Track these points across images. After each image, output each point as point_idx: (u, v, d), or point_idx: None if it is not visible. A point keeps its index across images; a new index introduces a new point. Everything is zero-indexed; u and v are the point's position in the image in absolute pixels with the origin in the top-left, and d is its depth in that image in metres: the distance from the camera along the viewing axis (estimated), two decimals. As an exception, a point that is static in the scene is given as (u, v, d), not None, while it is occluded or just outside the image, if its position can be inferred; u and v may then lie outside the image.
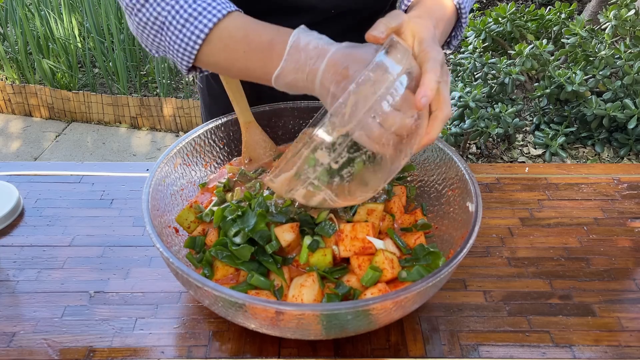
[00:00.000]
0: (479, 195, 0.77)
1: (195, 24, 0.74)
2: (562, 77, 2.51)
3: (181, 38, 0.75)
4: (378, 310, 0.66)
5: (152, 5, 0.75)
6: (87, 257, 0.88)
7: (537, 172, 1.09)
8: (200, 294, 0.68)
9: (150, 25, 0.77)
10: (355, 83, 0.60)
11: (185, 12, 0.74)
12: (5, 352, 0.73)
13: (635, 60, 2.45)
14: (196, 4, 0.74)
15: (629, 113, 2.40)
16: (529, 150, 2.73)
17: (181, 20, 0.75)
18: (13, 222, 0.95)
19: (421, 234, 0.81)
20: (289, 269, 0.74)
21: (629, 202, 1.02)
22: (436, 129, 0.66)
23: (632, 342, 0.76)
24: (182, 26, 0.75)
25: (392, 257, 0.74)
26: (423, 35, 0.67)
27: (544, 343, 0.75)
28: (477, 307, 0.81)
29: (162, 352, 0.74)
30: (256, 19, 0.76)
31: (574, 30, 2.59)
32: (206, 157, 0.92)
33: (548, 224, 0.96)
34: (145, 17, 0.76)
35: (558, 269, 0.87)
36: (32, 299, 0.81)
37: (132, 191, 1.02)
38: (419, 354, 0.74)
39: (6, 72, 3.21)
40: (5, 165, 1.09)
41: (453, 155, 0.85)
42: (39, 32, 3.17)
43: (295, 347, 0.74)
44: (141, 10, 0.76)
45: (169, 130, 3.00)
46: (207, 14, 0.74)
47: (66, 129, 2.99)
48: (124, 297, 0.81)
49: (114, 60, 3.10)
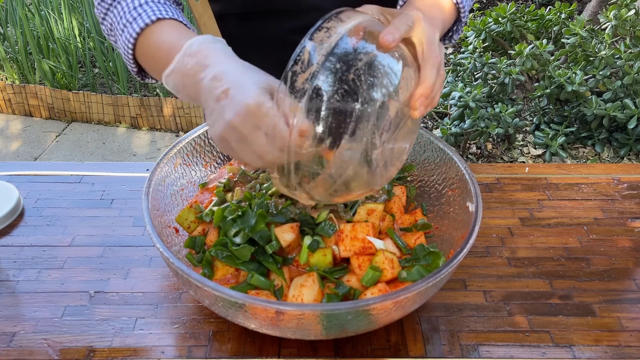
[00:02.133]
0: (479, 195, 0.77)
1: (128, 33, 0.75)
2: (562, 77, 2.51)
3: (121, 43, 0.77)
4: (378, 310, 0.66)
5: (108, 15, 0.79)
6: (87, 257, 0.88)
7: (537, 172, 1.09)
8: (200, 294, 0.68)
9: (106, 24, 0.80)
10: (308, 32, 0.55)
11: (124, 18, 0.76)
12: (5, 352, 0.73)
13: (635, 60, 2.45)
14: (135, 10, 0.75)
15: (629, 113, 2.40)
16: (529, 150, 2.73)
17: (121, 26, 0.76)
18: (13, 222, 0.95)
19: (421, 234, 0.81)
20: (289, 269, 0.74)
21: (629, 202, 1.02)
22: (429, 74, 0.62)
23: (632, 342, 0.76)
24: (121, 33, 0.76)
25: (392, 257, 0.74)
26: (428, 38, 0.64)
27: (544, 343, 0.75)
28: (477, 307, 0.81)
29: (162, 352, 0.74)
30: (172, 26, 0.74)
31: (574, 30, 2.59)
32: (206, 157, 0.92)
33: (548, 224, 0.96)
34: (100, 15, 0.80)
35: (558, 269, 0.87)
36: (32, 299, 0.81)
37: (132, 191, 1.02)
38: (419, 354, 0.74)
39: (6, 72, 3.21)
40: (5, 165, 1.09)
41: (453, 155, 0.85)
42: (39, 32, 3.17)
43: (295, 347, 0.74)
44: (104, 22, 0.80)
45: (169, 130, 3.00)
46: (135, 23, 0.74)
47: (66, 129, 2.99)
48: (124, 297, 0.81)
49: (114, 60, 3.10)
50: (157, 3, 0.76)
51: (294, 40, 0.76)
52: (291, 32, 0.90)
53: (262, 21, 0.93)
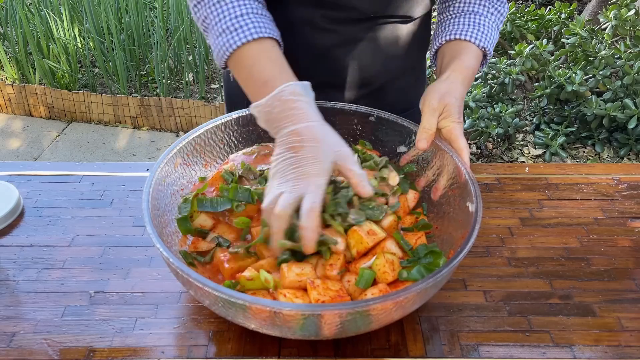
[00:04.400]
0: (479, 195, 0.77)
1: (225, 40, 0.84)
2: (562, 77, 2.51)
3: (215, 45, 0.87)
4: (378, 310, 0.66)
5: (203, 7, 0.86)
6: (87, 257, 0.88)
7: (537, 172, 1.09)
8: (200, 294, 0.68)
9: (201, 22, 0.88)
10: None
11: (224, 24, 0.84)
12: (5, 352, 0.73)
13: (635, 60, 2.45)
14: (236, 19, 0.84)
15: (629, 113, 2.40)
16: (529, 150, 2.73)
17: (219, 30, 0.85)
18: (13, 222, 0.95)
19: (422, 234, 0.81)
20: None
21: (629, 202, 1.02)
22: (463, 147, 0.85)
23: (632, 342, 0.76)
24: (217, 36, 0.85)
25: (392, 259, 0.73)
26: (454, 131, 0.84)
27: (544, 343, 0.75)
28: (477, 307, 0.81)
29: (162, 352, 0.74)
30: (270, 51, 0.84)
31: (574, 30, 2.59)
32: (206, 157, 0.92)
33: (548, 224, 0.96)
34: (197, 14, 0.88)
35: (558, 269, 0.87)
36: (32, 299, 0.81)
37: (132, 191, 1.02)
38: (419, 354, 0.74)
39: (6, 72, 3.21)
40: (5, 165, 1.09)
41: (453, 156, 0.85)
42: (39, 32, 3.17)
43: (295, 347, 0.74)
44: (195, 8, 0.88)
45: (169, 130, 3.00)
46: (236, 34, 0.84)
47: (66, 129, 3.00)
48: (124, 297, 0.81)
49: (114, 60, 3.10)
50: (256, 14, 0.85)
51: (323, 26, 0.95)
52: (322, 18, 0.95)
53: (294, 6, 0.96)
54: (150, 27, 3.33)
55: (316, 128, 0.75)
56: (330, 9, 0.95)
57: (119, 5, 3.31)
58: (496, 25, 1.01)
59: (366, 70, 1.02)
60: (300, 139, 0.73)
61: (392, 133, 0.93)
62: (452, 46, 0.97)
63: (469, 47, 0.95)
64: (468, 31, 0.96)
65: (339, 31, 0.97)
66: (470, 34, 0.96)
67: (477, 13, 0.98)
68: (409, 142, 0.93)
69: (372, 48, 1.00)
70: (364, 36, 0.98)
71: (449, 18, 1.01)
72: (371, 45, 0.99)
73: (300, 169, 0.72)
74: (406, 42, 1.03)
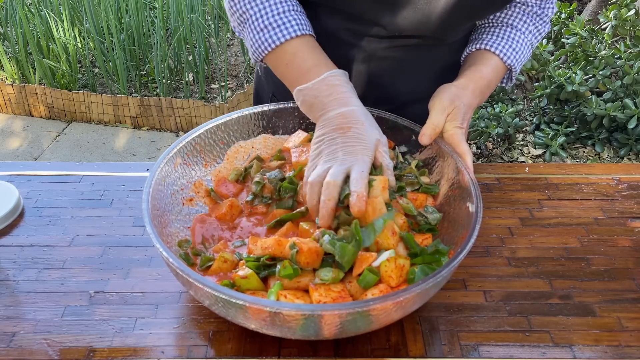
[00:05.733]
0: (479, 195, 0.77)
1: (268, 36, 0.87)
2: (562, 77, 2.51)
3: (255, 41, 0.88)
4: (378, 311, 0.66)
5: (241, 1, 0.88)
6: (87, 257, 0.88)
7: (537, 172, 1.09)
8: (200, 294, 0.68)
9: (237, 16, 0.90)
10: None
11: (266, 20, 0.87)
12: (6, 352, 0.73)
13: (635, 60, 2.46)
14: (278, 15, 0.87)
15: (629, 113, 2.40)
16: (529, 150, 2.73)
17: (260, 25, 0.87)
18: (13, 222, 0.95)
19: (429, 235, 0.80)
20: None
21: (629, 202, 1.02)
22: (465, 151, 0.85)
23: (632, 342, 0.76)
24: (259, 31, 0.88)
25: (403, 264, 0.71)
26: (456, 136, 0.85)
27: (544, 343, 0.76)
28: (477, 307, 0.81)
29: (162, 352, 0.74)
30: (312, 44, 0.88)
31: (574, 30, 2.59)
32: (206, 157, 0.92)
33: (548, 224, 0.96)
34: (234, 8, 0.90)
35: (558, 269, 0.87)
36: (32, 299, 0.81)
37: (132, 191, 1.02)
38: (419, 354, 0.74)
39: (6, 72, 3.21)
40: (5, 165, 1.09)
41: (453, 155, 0.85)
42: (39, 32, 3.17)
43: (295, 347, 0.74)
44: (231, 2, 0.89)
45: (169, 130, 3.00)
46: (279, 31, 0.87)
47: (66, 129, 3.00)
48: (124, 297, 0.81)
49: (114, 60, 3.10)
50: (297, 12, 0.89)
51: (347, 40, 0.97)
52: (346, 31, 0.95)
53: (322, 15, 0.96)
54: (150, 27, 3.33)
55: (361, 112, 0.80)
56: (357, 23, 0.93)
57: (119, 5, 3.31)
58: (531, 44, 0.98)
59: (386, 88, 1.00)
60: (347, 120, 0.79)
61: (393, 133, 0.93)
62: (477, 55, 0.96)
63: (491, 59, 0.94)
64: (500, 44, 0.94)
65: (361, 46, 0.96)
66: (498, 47, 0.94)
67: (515, 27, 0.96)
68: (409, 142, 0.93)
69: (394, 67, 0.98)
70: (387, 54, 0.96)
71: (485, 26, 0.99)
72: (394, 65, 0.98)
73: (347, 148, 0.77)
74: (434, 65, 1.01)
